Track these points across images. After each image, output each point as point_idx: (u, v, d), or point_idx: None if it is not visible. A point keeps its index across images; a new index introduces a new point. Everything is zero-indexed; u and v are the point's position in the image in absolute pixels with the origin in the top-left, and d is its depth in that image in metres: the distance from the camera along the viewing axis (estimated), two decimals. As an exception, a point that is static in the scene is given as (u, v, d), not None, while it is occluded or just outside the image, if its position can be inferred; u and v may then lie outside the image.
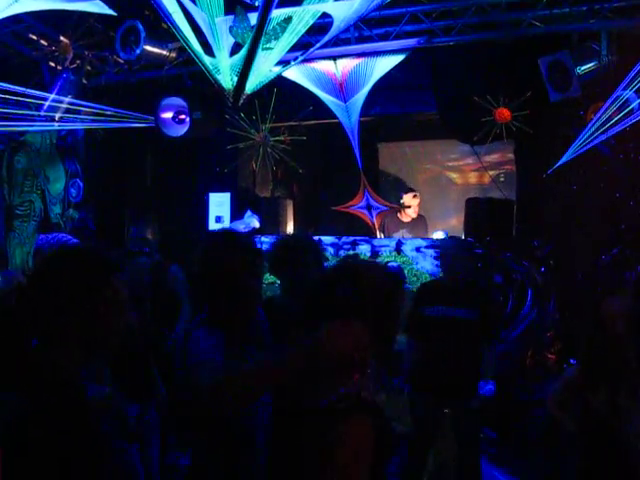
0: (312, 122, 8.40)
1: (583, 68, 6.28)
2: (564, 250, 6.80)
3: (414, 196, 7.89)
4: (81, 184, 8.55)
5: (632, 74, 5.73)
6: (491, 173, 8.82)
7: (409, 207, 7.90)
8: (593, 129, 6.08)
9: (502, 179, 8.99)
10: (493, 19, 6.64)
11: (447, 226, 8.49)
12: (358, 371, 1.98)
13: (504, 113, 6.98)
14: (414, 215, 7.94)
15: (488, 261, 6.56)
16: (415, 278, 6.84)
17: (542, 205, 7.06)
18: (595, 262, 6.43)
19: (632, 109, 5.88)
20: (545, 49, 6.52)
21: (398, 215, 8.02)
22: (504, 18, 6.58)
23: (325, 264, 6.21)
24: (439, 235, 7.49)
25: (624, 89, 5.86)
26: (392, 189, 9.22)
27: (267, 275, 7.27)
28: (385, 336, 2.07)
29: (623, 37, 6.23)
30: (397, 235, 7.82)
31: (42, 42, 8.05)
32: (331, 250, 7.23)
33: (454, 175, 9.80)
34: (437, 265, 6.75)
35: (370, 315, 1.98)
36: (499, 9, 6.55)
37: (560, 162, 6.37)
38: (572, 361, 5.93)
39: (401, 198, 7.98)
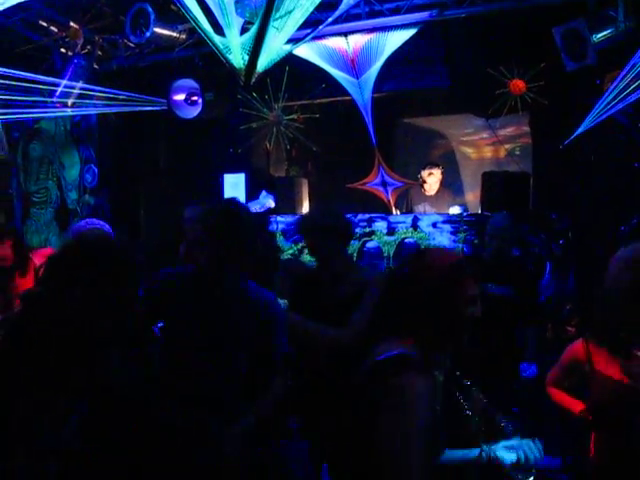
0: (325, 100, 8.36)
1: (599, 36, 6.17)
2: (582, 222, 6.73)
3: (429, 173, 7.82)
4: (96, 169, 8.58)
5: (649, 40, 5.63)
6: (507, 146, 8.73)
7: (424, 182, 7.85)
8: (610, 98, 5.98)
9: (518, 152, 8.90)
10: (505, -11, 6.54)
11: (463, 201, 8.44)
12: None
13: (518, 84, 6.91)
14: (434, 189, 7.88)
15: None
16: (432, 254, 6.81)
17: (559, 177, 6.99)
18: (614, 233, 6.36)
19: (650, 77, 5.78)
20: (559, 18, 6.41)
21: (421, 189, 7.97)
22: (516, -13, 6.49)
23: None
24: (455, 210, 7.44)
25: (642, 56, 5.76)
26: (407, 165, 9.16)
27: (284, 255, 7.33)
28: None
29: None
30: (420, 209, 7.78)
31: (52, 28, 8.04)
32: (347, 228, 7.21)
33: (469, 150, 9.72)
34: (454, 240, 6.73)
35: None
36: (511, -22, 6.46)
37: (576, 133, 6.28)
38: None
39: (419, 173, 7.94)
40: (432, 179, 7.80)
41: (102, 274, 2.18)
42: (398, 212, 8.05)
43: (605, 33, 6.16)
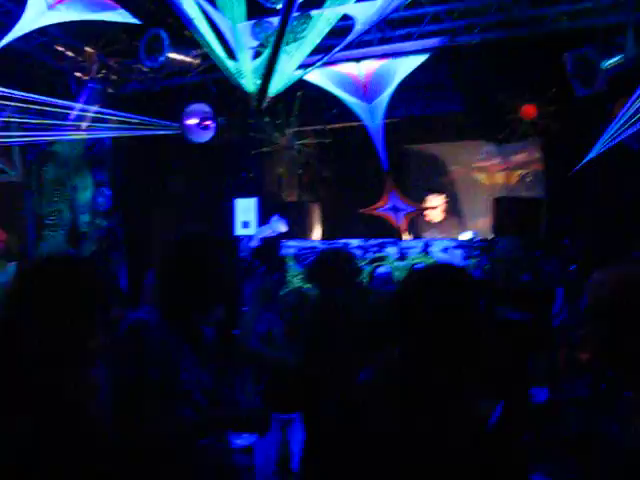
0: (337, 125, 8.40)
1: (609, 62, 6.21)
2: (594, 247, 6.70)
3: (434, 198, 7.87)
4: (108, 193, 8.64)
5: (659, 66, 5.65)
6: (518, 172, 8.73)
7: (435, 208, 7.87)
8: (620, 123, 5.99)
9: (529, 178, 8.89)
10: (516, 16, 6.59)
11: (475, 227, 8.42)
12: None
13: (530, 110, 6.93)
14: (440, 216, 7.90)
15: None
16: (443, 279, 6.79)
17: (571, 202, 6.98)
18: (626, 258, 6.32)
19: (660, 102, 5.79)
20: (570, 44, 6.45)
21: (426, 215, 7.99)
22: (527, 15, 6.54)
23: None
24: (467, 236, 7.43)
25: (651, 82, 5.77)
26: (419, 190, 9.16)
27: (295, 280, 7.33)
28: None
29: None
30: (427, 235, 7.79)
31: (68, 53, 8.15)
32: (358, 253, 7.21)
33: (481, 176, 9.70)
34: (465, 266, 6.71)
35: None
36: (521, 5, 6.50)
37: (587, 158, 6.28)
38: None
39: (425, 200, 7.96)
40: (437, 202, 7.86)
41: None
42: (409, 237, 8.04)
43: (615, 60, 6.20)
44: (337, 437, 2.08)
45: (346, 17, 6.24)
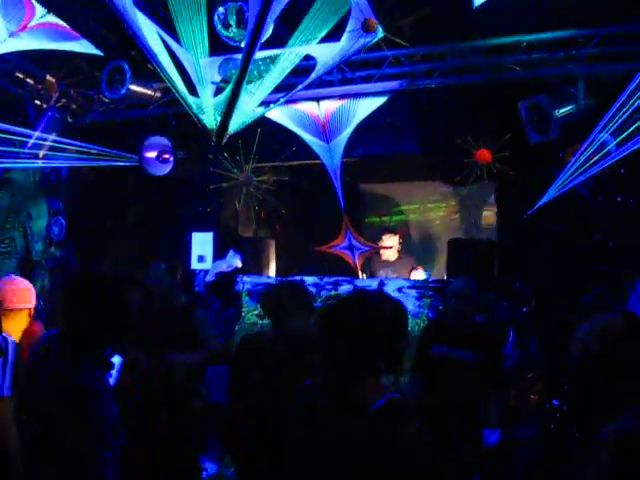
0: (295, 162, 8.47)
1: (561, 111, 6.41)
2: (545, 290, 6.83)
3: (389, 237, 7.98)
4: (63, 222, 8.53)
5: (607, 117, 5.84)
6: (472, 214, 8.89)
7: (390, 247, 7.95)
8: (572, 170, 6.17)
9: (483, 220, 9.06)
10: (473, 63, 6.77)
11: (430, 266, 8.53)
12: None
13: (485, 155, 7.09)
14: (395, 255, 8.00)
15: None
16: (397, 318, 6.82)
17: (524, 245, 7.12)
18: (576, 302, 6.46)
19: (609, 151, 5.98)
20: (524, 92, 6.65)
21: (381, 255, 8.08)
22: (484, 62, 6.72)
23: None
24: (420, 275, 7.52)
25: (600, 132, 5.96)
26: (374, 230, 9.26)
27: (249, 315, 7.29)
28: (396, 353, 2.33)
29: (599, 81, 6.37)
30: (382, 274, 7.86)
31: (28, 80, 8.08)
32: (313, 290, 7.22)
33: (436, 216, 9.86)
34: (419, 305, 6.76)
35: (382, 335, 2.27)
36: (479, 53, 6.69)
37: (540, 203, 6.43)
38: (554, 402, 5.92)
39: (380, 239, 8.05)
40: (392, 242, 7.96)
41: None
42: (364, 276, 8.10)
43: (567, 109, 6.41)
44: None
45: (308, 57, 6.33)
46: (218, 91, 6.33)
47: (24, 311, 4.39)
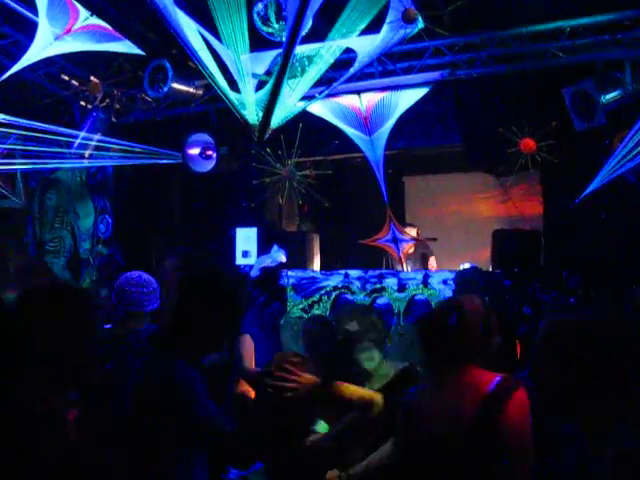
0: (338, 156, 8.46)
1: (607, 97, 6.27)
2: (594, 280, 6.71)
3: (410, 230, 7.97)
4: (110, 220, 8.69)
5: (657, 101, 5.73)
6: (518, 204, 8.77)
7: (435, 239, 7.91)
8: (619, 158, 6.05)
9: (529, 210, 8.93)
10: (515, 51, 6.68)
11: (474, 258, 8.44)
12: None
13: (529, 143, 6.98)
14: (412, 248, 7.99)
15: (517, 292, 6.50)
16: (443, 311, 6.78)
17: (570, 235, 7.01)
18: (625, 292, 6.33)
19: (658, 136, 5.86)
20: (569, 79, 6.53)
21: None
22: (526, 49, 6.62)
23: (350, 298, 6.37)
24: (466, 267, 7.45)
25: (649, 117, 5.84)
26: (418, 222, 9.20)
27: (294, 309, 7.33)
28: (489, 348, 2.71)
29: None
30: (399, 268, 7.89)
31: (73, 82, 8.26)
32: (358, 284, 7.21)
33: (480, 207, 9.76)
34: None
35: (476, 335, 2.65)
36: (521, 41, 6.59)
37: (586, 191, 6.32)
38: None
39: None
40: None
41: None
42: (409, 268, 8.06)
43: (613, 95, 6.27)
44: None
45: (348, 50, 6.32)
46: (259, 86, 6.36)
47: None
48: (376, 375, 3.72)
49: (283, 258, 7.90)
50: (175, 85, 7.64)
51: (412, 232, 7.99)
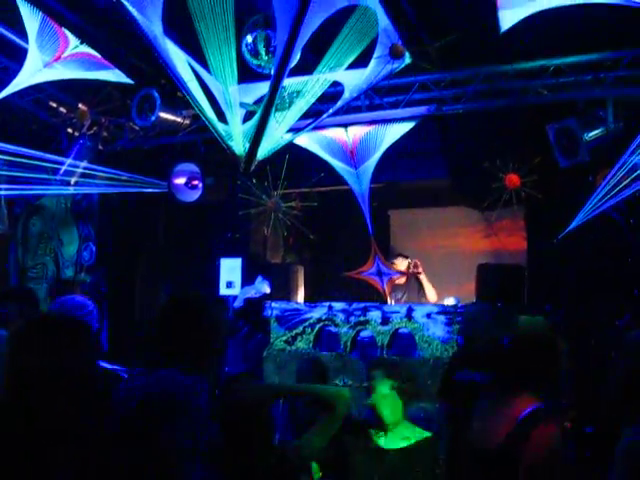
0: (323, 188, 8.48)
1: (590, 134, 6.36)
2: (576, 315, 6.74)
3: (402, 261, 7.97)
4: (94, 248, 8.64)
5: (638, 140, 5.80)
6: (501, 239, 8.82)
7: (420, 272, 7.91)
8: (602, 194, 6.12)
9: (512, 245, 8.98)
10: (501, 87, 6.78)
11: (459, 292, 8.45)
12: None
13: (513, 179, 7.05)
14: (404, 279, 7.99)
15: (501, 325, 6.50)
16: (426, 344, 6.75)
17: (554, 270, 7.04)
18: (608, 327, 6.36)
19: (640, 174, 5.93)
20: (553, 116, 6.62)
21: (393, 280, 8.06)
22: (512, 86, 6.73)
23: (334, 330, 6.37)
24: (450, 301, 7.44)
25: (631, 155, 5.92)
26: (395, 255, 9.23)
27: (277, 341, 7.29)
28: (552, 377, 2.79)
29: (628, 104, 6.34)
30: (392, 297, 7.86)
31: (61, 109, 8.28)
32: (342, 316, 7.18)
33: (464, 241, 9.79)
34: (448, 331, 6.69)
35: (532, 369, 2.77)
36: (506, 77, 6.70)
37: (570, 227, 6.38)
38: (587, 429, 5.80)
39: (392, 263, 8.03)
40: (404, 265, 7.95)
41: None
42: (393, 302, 8.05)
43: (596, 132, 6.37)
44: None
45: (336, 83, 6.38)
46: (247, 118, 6.39)
47: None
48: None
49: (267, 289, 7.88)
50: (163, 114, 7.67)
51: (404, 263, 7.98)
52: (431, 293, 7.94)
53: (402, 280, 7.99)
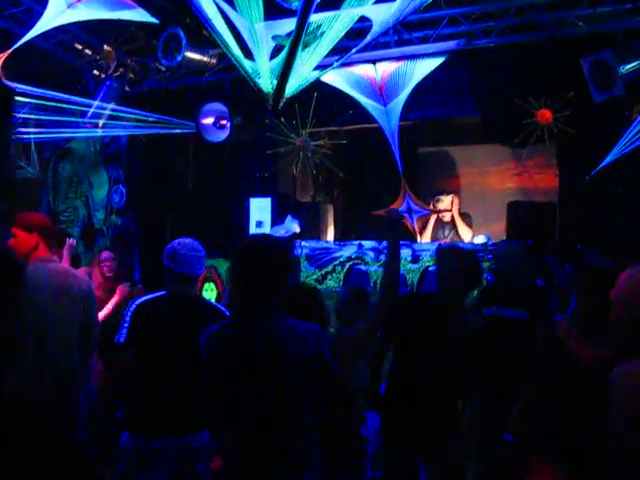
0: (352, 126, 8.38)
1: (627, 67, 6.17)
2: (609, 253, 6.66)
3: (445, 198, 7.91)
4: (124, 190, 8.70)
5: (677, 72, 5.62)
6: (533, 176, 8.70)
7: (449, 210, 7.87)
8: (638, 129, 5.96)
9: (544, 182, 8.86)
10: (533, 20, 6.57)
11: (489, 230, 8.40)
12: None
13: (546, 114, 6.88)
14: (449, 216, 7.93)
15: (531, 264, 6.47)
16: (456, 282, 6.76)
17: (586, 208, 6.94)
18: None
19: (678, 108, 5.77)
20: (588, 48, 6.43)
21: (443, 217, 8.01)
22: (545, 19, 6.52)
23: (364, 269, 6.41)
24: (480, 239, 7.41)
25: (670, 87, 5.74)
26: (432, 193, 9.15)
27: (308, 280, 7.34)
28: None
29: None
30: (440, 235, 7.82)
31: (87, 51, 8.22)
32: (372, 255, 7.21)
33: (495, 179, 9.68)
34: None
35: None
36: (539, 9, 6.48)
37: (603, 163, 6.25)
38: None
39: (437, 200, 7.97)
40: (442, 206, 7.88)
41: None
42: (422, 239, 8.03)
43: (633, 65, 6.17)
44: None
45: (363, 18, 6.24)
46: (273, 55, 6.30)
47: None
48: None
49: (297, 228, 7.90)
50: (189, 54, 7.59)
51: (447, 199, 7.92)
52: (464, 231, 7.89)
53: (447, 218, 7.95)
